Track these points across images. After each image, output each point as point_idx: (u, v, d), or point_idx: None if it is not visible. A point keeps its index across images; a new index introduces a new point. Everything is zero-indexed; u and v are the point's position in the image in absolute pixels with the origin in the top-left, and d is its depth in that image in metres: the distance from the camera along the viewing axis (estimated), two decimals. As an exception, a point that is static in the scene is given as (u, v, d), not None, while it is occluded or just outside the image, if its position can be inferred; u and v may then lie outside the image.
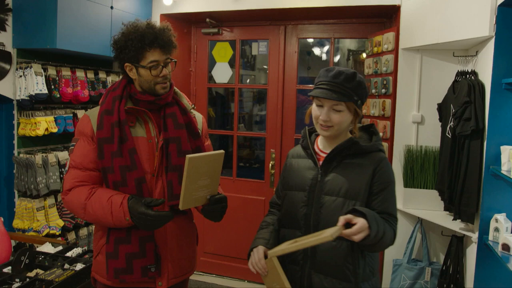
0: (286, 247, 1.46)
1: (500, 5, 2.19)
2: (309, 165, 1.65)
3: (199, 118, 1.83)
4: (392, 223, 1.54)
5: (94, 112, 1.65)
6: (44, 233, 2.83)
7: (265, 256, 1.54)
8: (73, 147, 1.64)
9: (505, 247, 2.09)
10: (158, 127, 1.66)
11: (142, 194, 1.57)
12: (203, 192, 1.56)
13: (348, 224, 1.38)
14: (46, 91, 2.83)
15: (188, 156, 1.44)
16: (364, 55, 3.36)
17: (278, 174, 3.66)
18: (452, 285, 2.66)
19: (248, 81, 4.90)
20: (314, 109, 1.58)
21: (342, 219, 1.36)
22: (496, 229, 2.22)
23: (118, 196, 1.53)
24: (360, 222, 1.35)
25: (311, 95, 1.55)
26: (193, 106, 1.80)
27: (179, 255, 1.72)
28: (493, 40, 2.25)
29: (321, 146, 1.68)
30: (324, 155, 1.63)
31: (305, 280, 1.59)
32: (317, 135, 1.72)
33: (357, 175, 1.56)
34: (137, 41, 1.56)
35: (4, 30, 2.72)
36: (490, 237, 2.26)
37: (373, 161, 1.57)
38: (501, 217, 2.21)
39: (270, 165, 3.67)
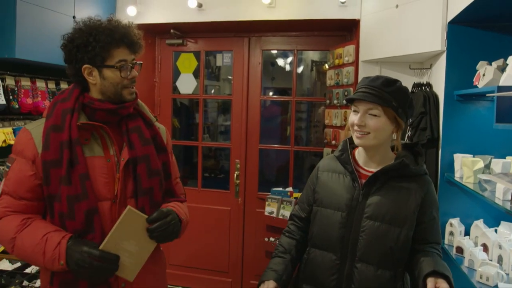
0: None
1: (449, 22, 2.35)
2: (347, 183, 1.51)
3: (163, 130, 1.61)
4: (441, 254, 1.48)
5: (37, 129, 1.36)
6: (1, 250, 2.71)
7: None
8: (8, 169, 1.37)
9: (459, 249, 2.20)
10: (118, 143, 1.42)
11: (93, 229, 1.30)
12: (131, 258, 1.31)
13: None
14: (4, 102, 2.73)
15: (129, 206, 1.29)
16: (326, 66, 3.46)
17: (243, 184, 3.69)
18: None
19: (212, 91, 4.92)
20: (350, 116, 1.47)
21: (432, 285, 1.27)
22: (451, 233, 2.33)
23: (57, 234, 1.27)
24: (445, 286, 1.28)
25: (347, 99, 1.46)
26: (156, 118, 1.61)
27: None
28: (445, 54, 2.39)
29: (361, 161, 1.53)
30: (366, 173, 1.49)
31: None
32: (354, 148, 1.58)
33: (404, 200, 1.44)
34: (104, 36, 1.33)
35: (-41, 38, 2.62)
36: (446, 241, 2.37)
37: (421, 186, 1.46)
38: (455, 221, 2.33)
39: (235, 175, 3.69)
